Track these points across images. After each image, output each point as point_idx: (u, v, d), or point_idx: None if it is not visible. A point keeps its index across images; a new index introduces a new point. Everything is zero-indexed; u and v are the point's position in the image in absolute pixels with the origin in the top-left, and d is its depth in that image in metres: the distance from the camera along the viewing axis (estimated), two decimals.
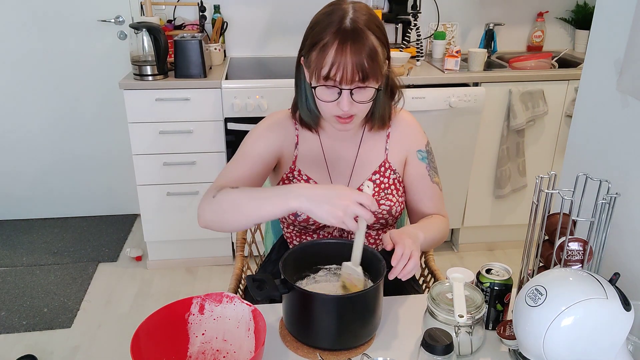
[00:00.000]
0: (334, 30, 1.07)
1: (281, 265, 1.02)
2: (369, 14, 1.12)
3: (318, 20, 1.12)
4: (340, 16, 1.08)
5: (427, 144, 1.33)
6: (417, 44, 2.73)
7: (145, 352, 0.90)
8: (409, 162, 1.31)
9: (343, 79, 1.07)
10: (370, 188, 1.08)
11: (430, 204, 1.33)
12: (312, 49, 1.10)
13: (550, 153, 2.76)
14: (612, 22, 1.24)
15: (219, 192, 1.10)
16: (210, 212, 1.10)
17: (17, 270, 2.66)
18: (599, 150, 1.29)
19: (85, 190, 3.15)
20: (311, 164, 1.27)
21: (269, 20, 2.90)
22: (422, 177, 1.31)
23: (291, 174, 1.27)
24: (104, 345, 2.19)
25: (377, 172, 1.28)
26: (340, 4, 1.12)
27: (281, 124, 1.28)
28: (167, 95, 2.38)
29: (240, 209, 1.05)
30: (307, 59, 1.13)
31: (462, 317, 0.94)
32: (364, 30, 1.07)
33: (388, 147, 1.29)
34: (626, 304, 0.82)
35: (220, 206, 1.08)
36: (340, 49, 1.06)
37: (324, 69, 1.07)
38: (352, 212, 0.94)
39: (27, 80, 2.87)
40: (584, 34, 3.03)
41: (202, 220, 1.13)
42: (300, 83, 1.22)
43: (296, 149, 1.27)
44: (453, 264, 2.80)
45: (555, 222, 1.04)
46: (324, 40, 1.07)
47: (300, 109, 1.23)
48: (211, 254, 2.76)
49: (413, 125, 1.32)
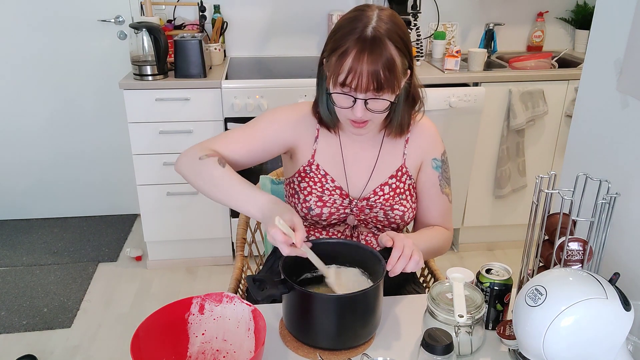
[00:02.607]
0: (354, 38, 1.07)
1: (281, 265, 1.02)
2: (393, 22, 1.10)
3: (341, 25, 1.11)
4: (363, 24, 1.08)
5: (444, 153, 1.32)
6: (417, 44, 2.73)
7: (145, 352, 0.90)
8: (422, 168, 1.30)
9: (358, 87, 1.07)
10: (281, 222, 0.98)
11: (435, 214, 1.32)
12: (332, 54, 1.10)
13: (550, 153, 2.76)
14: (612, 22, 1.24)
15: (208, 157, 1.15)
16: (189, 170, 1.17)
17: (17, 270, 2.66)
18: (599, 150, 1.29)
19: (85, 190, 3.15)
20: (330, 160, 1.27)
21: (269, 20, 2.90)
22: (433, 185, 1.30)
23: (309, 167, 1.27)
24: (104, 345, 2.19)
25: (394, 176, 1.27)
26: (366, 10, 1.11)
27: (303, 116, 1.27)
28: (167, 95, 2.38)
29: (214, 187, 1.13)
30: (328, 63, 1.13)
31: (462, 317, 0.94)
32: (383, 40, 1.07)
33: (406, 152, 1.28)
34: (626, 304, 0.82)
35: (200, 172, 1.15)
36: (358, 57, 1.06)
37: (340, 75, 1.08)
38: (272, 237, 0.97)
39: (27, 80, 2.87)
40: (584, 34, 3.03)
41: (178, 168, 1.20)
42: (321, 83, 1.21)
43: (316, 142, 1.27)
44: (453, 264, 2.80)
45: (555, 222, 1.04)
46: (344, 47, 1.07)
47: (321, 108, 1.23)
48: (211, 254, 2.76)
49: (432, 133, 1.31)
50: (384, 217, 1.26)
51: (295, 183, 1.29)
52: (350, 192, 1.27)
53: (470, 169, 2.67)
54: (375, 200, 1.25)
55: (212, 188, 1.13)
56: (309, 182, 1.26)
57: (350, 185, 1.27)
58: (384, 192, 1.26)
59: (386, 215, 1.25)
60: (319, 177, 1.26)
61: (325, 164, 1.27)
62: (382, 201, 1.25)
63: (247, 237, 1.52)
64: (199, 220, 2.63)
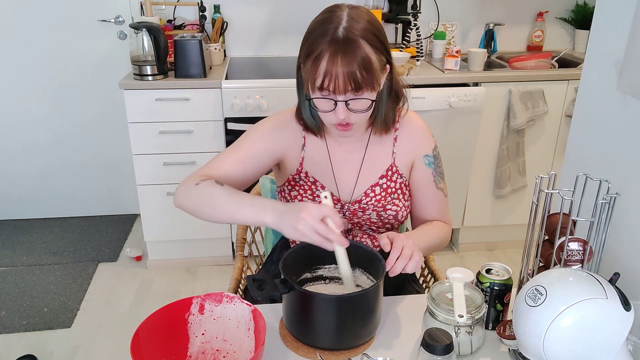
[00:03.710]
0: (327, 41, 1.05)
1: (281, 265, 1.02)
2: (365, 20, 1.08)
3: (313, 29, 1.10)
4: (334, 25, 1.06)
5: (435, 148, 1.30)
6: (417, 44, 2.73)
7: (145, 352, 0.90)
8: (415, 166, 1.29)
9: (336, 90, 1.06)
10: (329, 198, 1.05)
11: (433, 210, 1.32)
12: (307, 59, 1.09)
13: (550, 153, 2.76)
14: (612, 22, 1.24)
15: (204, 182, 1.12)
16: (187, 199, 1.13)
17: (17, 270, 2.66)
18: (599, 150, 1.29)
19: (85, 190, 3.15)
20: (318, 166, 1.26)
21: (269, 20, 2.90)
22: (427, 182, 1.30)
23: (298, 176, 1.26)
24: (104, 345, 2.19)
25: (384, 176, 1.26)
26: (336, 11, 1.09)
27: (287, 124, 1.26)
28: (167, 95, 2.38)
29: (217, 207, 1.08)
30: (304, 68, 1.11)
31: (462, 317, 0.94)
32: (356, 40, 1.05)
33: (395, 151, 1.27)
34: (626, 304, 0.82)
35: (199, 197, 1.11)
36: (332, 60, 1.04)
37: (317, 79, 1.06)
38: (311, 227, 0.95)
39: (27, 80, 2.87)
40: (584, 34, 3.03)
41: (177, 202, 1.16)
42: (301, 89, 1.20)
43: (303, 150, 1.26)
44: (453, 264, 2.80)
45: (555, 222, 1.04)
46: (317, 51, 1.06)
47: (304, 114, 1.22)
48: (211, 254, 2.76)
49: (421, 129, 1.29)
50: (377, 219, 1.25)
51: (286, 192, 1.28)
52: (341, 196, 1.26)
53: (470, 169, 2.67)
54: (367, 202, 1.25)
55: (215, 208, 1.09)
56: (299, 190, 1.26)
57: (340, 189, 1.26)
58: (375, 193, 1.25)
59: (379, 216, 1.25)
60: (309, 185, 1.26)
61: (314, 170, 1.26)
62: (374, 202, 1.25)
63: (247, 237, 1.52)
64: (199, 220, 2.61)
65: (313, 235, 0.95)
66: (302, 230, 0.95)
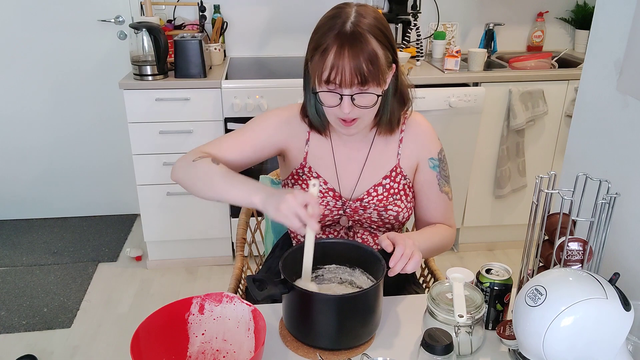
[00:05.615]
0: (334, 34, 1.07)
1: (281, 265, 1.02)
2: (372, 17, 1.11)
3: (321, 24, 1.12)
4: (342, 20, 1.08)
5: (440, 151, 1.30)
6: (417, 44, 2.73)
7: (145, 352, 0.91)
8: (420, 169, 1.29)
9: (342, 83, 1.07)
10: (316, 187, 1.08)
11: (436, 213, 1.32)
12: (315, 53, 1.10)
13: (550, 153, 2.76)
14: (612, 22, 1.24)
15: (201, 159, 1.15)
16: (184, 173, 1.17)
17: (17, 270, 2.66)
18: (599, 150, 1.29)
19: (85, 190, 3.15)
20: (322, 162, 1.27)
21: (269, 20, 2.90)
22: (431, 185, 1.30)
23: (301, 170, 1.27)
24: (104, 345, 2.19)
25: (388, 176, 1.26)
26: (344, 8, 1.12)
27: (293, 119, 1.27)
28: (167, 95, 2.38)
29: (210, 184, 1.12)
30: (311, 63, 1.13)
31: (462, 317, 0.94)
32: (363, 34, 1.07)
33: (400, 152, 1.27)
34: (626, 304, 0.82)
35: (196, 172, 1.14)
36: (339, 53, 1.06)
37: (324, 72, 1.08)
38: (292, 210, 0.96)
39: (27, 80, 2.87)
40: (584, 34, 3.03)
41: (174, 176, 1.20)
42: (308, 85, 1.21)
43: (307, 145, 1.27)
44: (453, 264, 2.80)
45: (555, 222, 1.04)
46: (325, 44, 1.07)
47: (309, 112, 1.23)
48: (211, 254, 2.76)
49: (427, 131, 1.29)
50: (377, 218, 1.26)
51: (289, 185, 1.30)
52: (343, 194, 1.27)
53: (470, 169, 2.67)
54: (368, 201, 1.25)
55: (208, 186, 1.12)
56: (302, 184, 1.27)
57: (342, 186, 1.27)
58: (377, 193, 1.25)
59: (380, 215, 1.25)
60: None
61: (318, 166, 1.27)
62: (376, 202, 1.25)
63: (247, 237, 1.52)
64: (199, 220, 2.63)
65: (293, 218, 0.96)
66: (283, 211, 0.97)
